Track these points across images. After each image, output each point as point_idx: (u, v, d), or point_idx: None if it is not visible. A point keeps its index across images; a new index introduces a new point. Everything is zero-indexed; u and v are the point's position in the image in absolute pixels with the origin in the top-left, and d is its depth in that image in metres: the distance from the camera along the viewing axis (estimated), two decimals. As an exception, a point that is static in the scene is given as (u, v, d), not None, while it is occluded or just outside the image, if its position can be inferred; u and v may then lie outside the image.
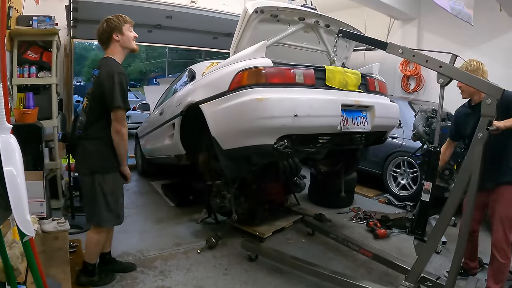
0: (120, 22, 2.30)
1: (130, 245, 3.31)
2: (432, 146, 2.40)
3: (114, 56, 2.33)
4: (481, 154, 2.10)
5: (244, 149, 2.68)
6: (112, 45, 2.33)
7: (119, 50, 2.35)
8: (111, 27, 2.28)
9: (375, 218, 3.98)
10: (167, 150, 3.98)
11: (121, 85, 2.23)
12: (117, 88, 2.21)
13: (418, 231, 2.41)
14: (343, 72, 2.93)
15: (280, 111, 2.46)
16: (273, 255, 3.02)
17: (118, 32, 2.30)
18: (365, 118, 3.01)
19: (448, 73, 2.25)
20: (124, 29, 2.32)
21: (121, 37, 2.32)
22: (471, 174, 2.13)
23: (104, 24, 2.30)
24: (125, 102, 2.25)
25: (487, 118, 2.09)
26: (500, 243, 2.51)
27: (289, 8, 3.05)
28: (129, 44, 2.37)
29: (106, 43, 2.34)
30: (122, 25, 2.31)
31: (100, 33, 2.33)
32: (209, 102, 2.85)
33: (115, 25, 2.29)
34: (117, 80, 2.21)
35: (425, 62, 2.38)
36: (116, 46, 2.33)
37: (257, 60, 2.63)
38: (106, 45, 2.35)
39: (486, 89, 2.10)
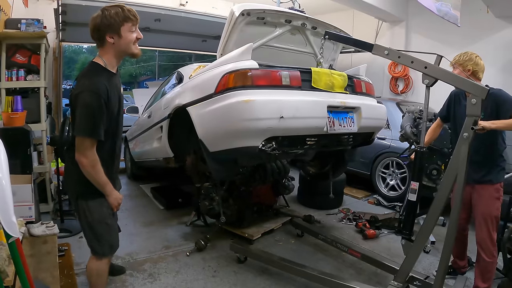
0: (118, 20, 1.79)
1: (120, 248, 3.16)
2: (419, 146, 2.43)
3: (105, 59, 1.87)
4: (466, 154, 2.12)
5: (231, 151, 2.69)
6: (105, 45, 1.85)
7: (113, 54, 1.88)
8: (105, 25, 1.78)
9: (364, 219, 4.01)
10: (155, 153, 3.97)
11: (88, 108, 1.76)
12: (83, 112, 1.77)
13: (406, 231, 2.45)
14: (329, 74, 2.95)
15: (266, 113, 2.47)
16: (261, 257, 3.03)
17: (114, 33, 1.81)
18: (351, 119, 3.03)
19: (433, 73, 2.27)
20: (123, 30, 1.81)
21: (117, 39, 1.82)
22: (457, 174, 2.15)
23: (98, 19, 1.79)
24: (88, 130, 1.78)
25: (472, 118, 2.11)
26: (485, 241, 2.56)
27: (276, 10, 3.07)
28: (127, 48, 1.87)
29: (99, 41, 1.86)
30: (121, 24, 1.80)
31: (92, 30, 1.83)
32: (196, 105, 2.85)
33: (111, 23, 1.78)
34: (84, 102, 1.76)
35: (410, 63, 2.40)
36: (110, 48, 1.85)
37: (243, 62, 2.64)
38: (99, 43, 1.87)
39: (471, 89, 2.11)
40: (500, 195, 2.60)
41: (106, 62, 1.87)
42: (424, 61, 2.41)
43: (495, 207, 2.58)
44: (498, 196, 2.59)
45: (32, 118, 3.90)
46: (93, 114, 1.77)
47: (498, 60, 5.53)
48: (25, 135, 3.53)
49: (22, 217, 2.76)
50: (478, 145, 2.53)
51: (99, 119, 1.79)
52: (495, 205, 2.58)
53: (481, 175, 2.60)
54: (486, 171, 2.59)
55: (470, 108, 2.12)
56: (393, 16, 6.13)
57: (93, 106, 1.76)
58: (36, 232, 2.75)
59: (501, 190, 2.61)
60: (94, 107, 1.76)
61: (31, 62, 3.94)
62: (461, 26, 5.05)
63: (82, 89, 1.77)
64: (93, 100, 1.75)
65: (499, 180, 2.60)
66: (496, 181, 2.59)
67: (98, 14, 1.81)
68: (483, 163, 2.59)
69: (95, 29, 1.81)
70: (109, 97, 1.82)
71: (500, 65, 5.51)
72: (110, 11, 1.79)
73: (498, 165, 2.62)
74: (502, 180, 2.63)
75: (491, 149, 2.60)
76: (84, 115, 1.77)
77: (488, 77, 5.44)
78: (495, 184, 2.58)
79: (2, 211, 1.30)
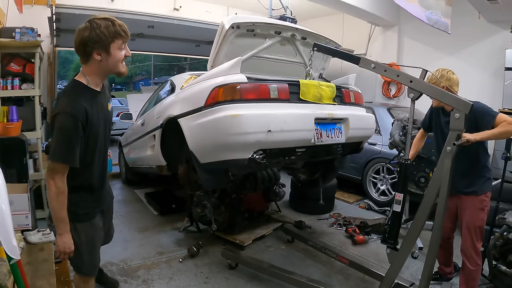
0: (107, 36, 1.64)
1: (114, 255, 3.36)
2: (403, 158, 2.49)
3: (89, 77, 1.75)
4: (450, 167, 2.17)
5: (221, 163, 2.76)
6: (91, 62, 1.71)
7: (98, 71, 1.75)
8: (93, 40, 1.63)
9: (354, 224, 4.08)
10: (148, 160, 4.03)
11: (63, 131, 1.65)
12: (58, 136, 1.67)
13: (391, 240, 2.52)
14: (317, 86, 3.01)
15: (254, 127, 2.54)
16: (251, 264, 3.10)
17: (102, 50, 1.67)
18: (339, 130, 3.11)
19: (418, 87, 2.33)
20: (112, 47, 1.67)
21: (105, 57, 1.69)
22: (440, 185, 2.21)
23: (85, 32, 1.63)
24: (62, 156, 1.67)
25: (455, 132, 2.17)
26: (469, 251, 2.61)
27: (265, 23, 3.12)
28: (115, 67, 1.75)
29: (84, 56, 1.70)
30: (111, 41, 1.66)
31: (77, 44, 1.67)
32: (187, 117, 2.91)
33: (100, 39, 1.63)
34: (60, 124, 1.65)
35: (396, 77, 2.45)
36: (95, 65, 1.72)
37: (232, 76, 2.70)
38: (84, 59, 1.72)
39: (455, 104, 2.16)
40: (485, 206, 2.62)
41: (90, 80, 1.75)
42: (410, 75, 2.47)
43: (479, 218, 2.60)
44: (483, 207, 2.61)
45: (28, 126, 3.96)
46: (68, 138, 1.67)
47: (491, 64, 5.63)
48: (20, 144, 3.60)
49: (19, 225, 2.82)
50: (461, 157, 2.55)
51: (74, 144, 1.68)
52: (479, 216, 2.60)
53: (465, 186, 2.63)
54: (470, 182, 2.62)
55: (454, 122, 2.16)
56: (386, 21, 6.19)
57: (69, 130, 1.65)
58: (33, 239, 2.80)
59: (487, 200, 2.63)
60: (70, 131, 1.66)
61: (26, 71, 3.99)
62: (454, 31, 5.13)
63: (59, 110, 1.67)
64: (69, 123, 1.65)
65: (484, 191, 2.62)
66: (481, 192, 2.61)
67: (86, 27, 1.65)
68: (467, 175, 2.62)
69: (82, 43, 1.65)
70: (89, 119, 1.72)
71: (492, 69, 5.60)
72: (100, 25, 1.63)
73: (483, 175, 2.64)
74: (488, 190, 2.65)
75: (474, 161, 2.63)
76: (59, 139, 1.67)
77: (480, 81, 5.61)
78: (479, 195, 2.60)
79: (3, 236, 1.36)
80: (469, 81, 5.71)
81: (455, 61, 5.90)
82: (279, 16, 4.40)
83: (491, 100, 5.43)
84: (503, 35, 5.33)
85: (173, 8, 6.16)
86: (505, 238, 2.81)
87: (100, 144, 1.88)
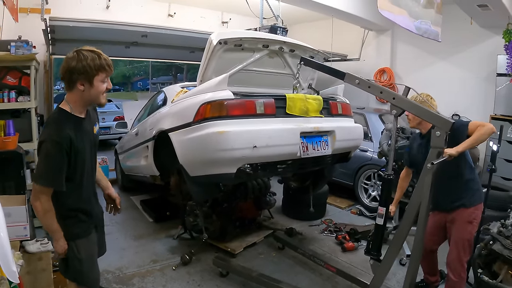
0: (92, 69, 1.75)
1: (111, 263, 3.43)
2: (386, 173, 2.56)
3: (72, 105, 1.84)
4: (430, 184, 2.23)
5: (209, 176, 2.85)
6: (74, 91, 1.80)
7: (80, 100, 1.84)
8: (79, 71, 1.74)
9: (344, 231, 4.15)
10: (142, 169, 4.12)
11: (49, 158, 1.76)
12: (44, 162, 1.78)
13: (374, 252, 2.60)
14: (304, 99, 3.09)
15: (240, 143, 2.62)
16: (241, 272, 3.19)
17: (86, 81, 1.77)
18: (326, 142, 3.18)
19: (401, 104, 2.39)
20: (95, 79, 1.79)
21: (87, 88, 1.79)
22: (421, 202, 2.27)
23: (73, 62, 1.74)
24: (49, 180, 1.78)
25: (436, 150, 2.22)
26: (454, 263, 2.65)
27: (252, 37, 3.19)
28: (96, 98, 1.85)
29: (69, 84, 1.80)
30: (95, 74, 1.77)
31: (64, 71, 1.77)
32: (177, 131, 3.00)
33: (86, 71, 1.74)
34: (46, 152, 1.76)
35: (379, 93, 2.52)
36: (78, 94, 1.81)
37: (219, 93, 2.78)
38: (68, 86, 1.82)
39: (436, 122, 2.22)
40: (474, 218, 2.61)
41: (73, 107, 1.84)
42: (393, 92, 2.54)
43: (467, 231, 2.61)
44: (471, 219, 2.60)
45: (25, 137, 4.04)
46: (55, 164, 1.77)
47: (483, 70, 5.66)
48: (18, 157, 3.67)
49: (17, 236, 2.89)
50: (443, 175, 2.55)
51: (60, 169, 1.79)
52: (467, 229, 2.60)
53: (452, 203, 2.64)
54: (458, 197, 2.62)
55: (434, 140, 2.22)
56: (379, 26, 6.22)
57: (55, 156, 1.76)
58: (31, 249, 2.87)
59: (476, 213, 2.62)
60: (56, 157, 1.76)
61: (22, 84, 4.06)
62: (446, 36, 5.16)
63: (45, 138, 1.78)
64: (55, 150, 1.75)
65: (473, 203, 2.61)
66: (470, 205, 2.60)
67: (73, 56, 1.75)
68: (453, 191, 2.63)
69: (68, 71, 1.75)
70: (74, 146, 1.81)
71: (485, 74, 5.64)
72: (86, 57, 1.74)
73: (470, 188, 2.63)
74: (478, 202, 2.63)
75: (457, 177, 2.62)
76: (46, 165, 1.78)
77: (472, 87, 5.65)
78: (469, 207, 2.59)
79: (4, 263, 1.46)
80: (462, 86, 5.80)
81: (448, 66, 5.95)
82: (270, 26, 4.44)
83: (483, 106, 5.53)
84: (495, 40, 5.36)
85: (168, 15, 6.23)
86: (489, 249, 2.83)
87: (87, 166, 1.98)
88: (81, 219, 2.01)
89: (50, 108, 5.69)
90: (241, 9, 5.75)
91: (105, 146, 8.93)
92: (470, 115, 5.03)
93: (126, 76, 27.54)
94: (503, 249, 2.73)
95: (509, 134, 4.91)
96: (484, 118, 5.30)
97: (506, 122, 4.93)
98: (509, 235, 2.79)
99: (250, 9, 5.08)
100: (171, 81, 22.19)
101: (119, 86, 25.41)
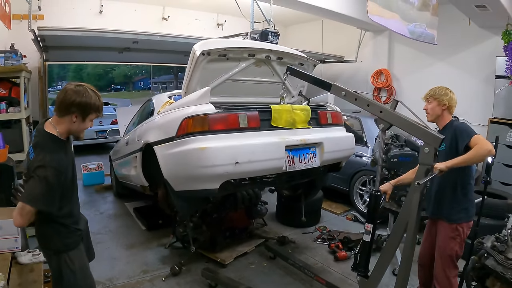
0: (91, 108, 1.96)
1: (101, 273, 3.42)
2: (373, 190, 2.49)
3: (59, 129, 1.97)
4: (418, 202, 2.15)
5: (193, 191, 2.80)
6: (65, 119, 1.95)
7: (66, 129, 1.99)
8: (78, 106, 1.92)
9: (337, 239, 4.09)
10: (132, 179, 4.10)
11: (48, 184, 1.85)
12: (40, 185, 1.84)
13: (361, 268, 2.54)
14: (290, 111, 3.01)
15: (221, 160, 2.57)
16: (229, 285, 3.15)
17: (80, 116, 1.95)
18: (314, 154, 3.11)
19: (388, 119, 2.31)
20: (88, 118, 1.99)
21: (79, 121, 1.97)
22: (408, 221, 2.20)
23: (76, 96, 1.91)
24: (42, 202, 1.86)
25: (424, 167, 2.14)
26: (440, 276, 2.59)
27: (237, 47, 3.11)
28: (80, 132, 2.05)
29: (62, 113, 1.95)
30: (89, 113, 1.97)
31: (62, 102, 1.92)
32: (161, 145, 2.96)
33: (84, 109, 1.94)
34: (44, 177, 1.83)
35: (366, 106, 2.43)
36: (67, 123, 1.96)
37: (201, 107, 2.72)
38: (60, 114, 1.96)
39: (424, 138, 2.14)
40: (457, 235, 2.51)
41: (60, 132, 1.97)
42: (380, 105, 2.46)
43: (449, 247, 2.52)
44: (455, 236, 2.51)
45: (16, 147, 4.05)
46: (52, 190, 1.86)
47: (481, 70, 5.53)
48: (8, 170, 3.67)
49: (9, 248, 2.90)
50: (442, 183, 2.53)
51: (56, 193, 1.90)
52: (449, 245, 2.52)
53: (435, 211, 2.60)
54: (446, 207, 2.55)
55: (423, 156, 2.14)
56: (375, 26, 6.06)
57: (54, 183, 1.85)
58: (23, 260, 2.88)
59: (460, 231, 2.51)
60: (54, 184, 1.85)
61: (12, 95, 4.07)
62: (444, 37, 5.06)
63: (44, 163, 1.84)
64: (55, 177, 1.85)
65: (457, 221, 2.51)
66: (451, 221, 2.52)
67: (77, 91, 1.91)
68: (444, 200, 2.56)
69: (69, 103, 1.90)
70: (65, 169, 1.95)
71: (483, 76, 5.51)
72: (90, 97, 1.93)
73: (458, 204, 2.53)
74: (463, 220, 2.52)
75: (452, 187, 2.53)
76: (43, 189, 1.83)
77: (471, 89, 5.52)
78: (451, 223, 2.52)
79: None
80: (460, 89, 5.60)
81: (446, 67, 5.82)
82: (261, 31, 4.35)
83: (482, 108, 5.40)
84: (494, 41, 5.23)
85: (162, 18, 6.18)
86: (482, 263, 2.71)
87: (74, 184, 2.16)
88: (71, 230, 2.11)
89: (46, 114, 5.70)
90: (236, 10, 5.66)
91: (103, 149, 8.98)
92: (469, 118, 4.91)
93: (127, 76, 27.62)
94: (497, 265, 2.61)
95: (508, 139, 4.78)
96: (482, 121, 5.19)
97: (505, 126, 4.82)
98: (503, 250, 2.69)
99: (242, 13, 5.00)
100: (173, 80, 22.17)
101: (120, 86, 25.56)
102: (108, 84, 28.56)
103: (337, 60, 6.52)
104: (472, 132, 2.44)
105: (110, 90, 27.33)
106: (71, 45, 4.85)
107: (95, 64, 26.49)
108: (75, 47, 5.03)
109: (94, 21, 5.63)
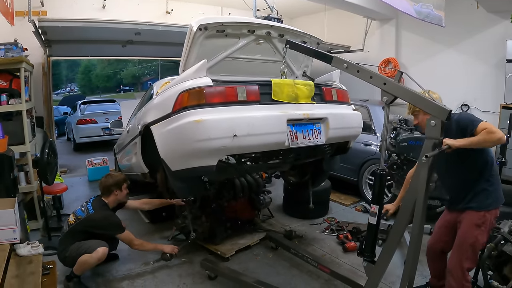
0: (121, 183, 3.24)
1: (101, 265, 3.29)
2: (379, 168, 2.29)
3: (109, 202, 3.20)
4: (426, 179, 1.98)
5: (191, 170, 2.65)
6: (111, 195, 3.19)
7: (114, 201, 3.24)
8: (115, 185, 3.20)
9: (346, 230, 3.90)
10: (134, 167, 3.98)
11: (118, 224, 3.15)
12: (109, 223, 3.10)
13: (367, 253, 2.34)
14: (292, 85, 2.85)
15: (218, 133, 2.42)
16: (229, 276, 3.02)
17: (118, 189, 3.21)
18: (318, 130, 2.94)
19: (392, 91, 2.14)
20: (123, 187, 3.25)
21: (119, 193, 3.22)
22: (417, 198, 2.03)
23: (109, 180, 3.20)
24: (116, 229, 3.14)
25: (431, 141, 1.96)
26: (455, 269, 2.39)
27: (235, 22, 2.98)
28: (123, 198, 3.34)
29: (106, 193, 3.19)
30: (122, 184, 3.24)
31: (103, 186, 3.21)
32: (157, 124, 2.82)
33: (117, 184, 3.20)
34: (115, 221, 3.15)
35: (369, 78, 2.27)
36: (113, 197, 3.21)
37: (197, 80, 2.59)
38: (105, 194, 3.20)
39: (431, 110, 1.97)
40: (483, 222, 2.32)
41: (110, 205, 3.22)
42: (384, 77, 2.29)
43: (473, 235, 2.33)
44: (480, 223, 2.32)
45: (17, 140, 3.99)
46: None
47: (491, 55, 5.31)
48: (7, 160, 3.59)
49: (7, 239, 2.82)
50: (456, 170, 2.35)
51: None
52: (473, 232, 2.33)
53: (463, 202, 2.39)
54: (470, 197, 2.35)
55: (429, 130, 1.95)
56: (382, 15, 5.96)
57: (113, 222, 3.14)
58: (22, 252, 2.82)
59: (487, 217, 2.33)
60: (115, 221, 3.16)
61: (12, 87, 4.02)
62: (452, 22, 4.87)
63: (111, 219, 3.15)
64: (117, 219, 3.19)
65: (484, 208, 2.32)
66: (479, 208, 2.32)
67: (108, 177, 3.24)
68: (465, 189, 2.37)
69: (107, 186, 3.18)
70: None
71: (494, 61, 5.28)
72: (115, 177, 3.25)
73: (485, 189, 2.34)
74: (492, 207, 2.34)
75: (472, 173, 2.35)
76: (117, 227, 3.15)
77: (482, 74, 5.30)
78: (478, 211, 2.32)
79: None
80: (470, 75, 5.46)
81: (455, 54, 5.62)
82: (264, 17, 4.25)
83: (493, 94, 5.18)
84: (504, 25, 5.02)
85: (165, 12, 6.14)
86: (499, 250, 2.51)
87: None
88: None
89: (50, 110, 5.68)
90: (241, 3, 5.61)
91: (109, 146, 8.88)
92: (480, 105, 4.73)
93: (136, 77, 27.74)
94: (516, 251, 2.42)
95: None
96: (494, 108, 4.95)
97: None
98: (523, 235, 2.47)
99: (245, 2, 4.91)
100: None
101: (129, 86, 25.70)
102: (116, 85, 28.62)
103: (344, 50, 6.37)
104: (478, 119, 2.24)
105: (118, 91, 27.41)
106: (73, 39, 4.82)
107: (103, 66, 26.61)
108: (78, 41, 4.99)
109: (97, 16, 5.61)
